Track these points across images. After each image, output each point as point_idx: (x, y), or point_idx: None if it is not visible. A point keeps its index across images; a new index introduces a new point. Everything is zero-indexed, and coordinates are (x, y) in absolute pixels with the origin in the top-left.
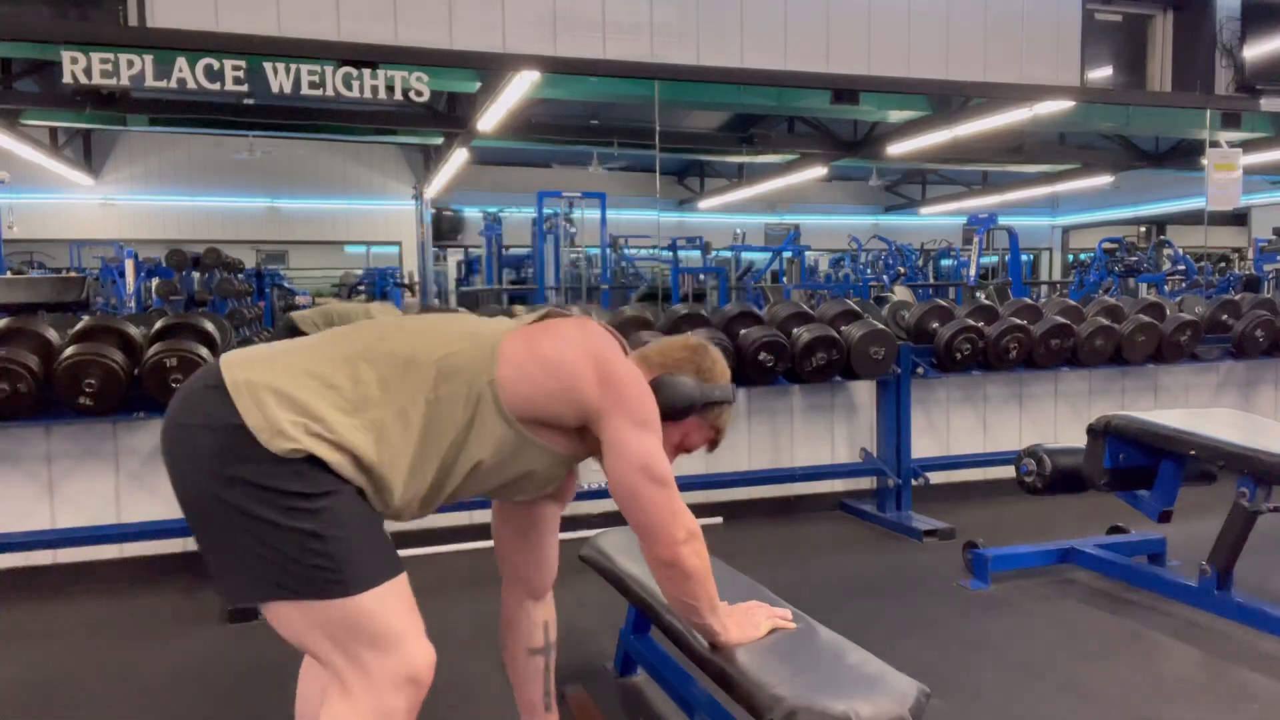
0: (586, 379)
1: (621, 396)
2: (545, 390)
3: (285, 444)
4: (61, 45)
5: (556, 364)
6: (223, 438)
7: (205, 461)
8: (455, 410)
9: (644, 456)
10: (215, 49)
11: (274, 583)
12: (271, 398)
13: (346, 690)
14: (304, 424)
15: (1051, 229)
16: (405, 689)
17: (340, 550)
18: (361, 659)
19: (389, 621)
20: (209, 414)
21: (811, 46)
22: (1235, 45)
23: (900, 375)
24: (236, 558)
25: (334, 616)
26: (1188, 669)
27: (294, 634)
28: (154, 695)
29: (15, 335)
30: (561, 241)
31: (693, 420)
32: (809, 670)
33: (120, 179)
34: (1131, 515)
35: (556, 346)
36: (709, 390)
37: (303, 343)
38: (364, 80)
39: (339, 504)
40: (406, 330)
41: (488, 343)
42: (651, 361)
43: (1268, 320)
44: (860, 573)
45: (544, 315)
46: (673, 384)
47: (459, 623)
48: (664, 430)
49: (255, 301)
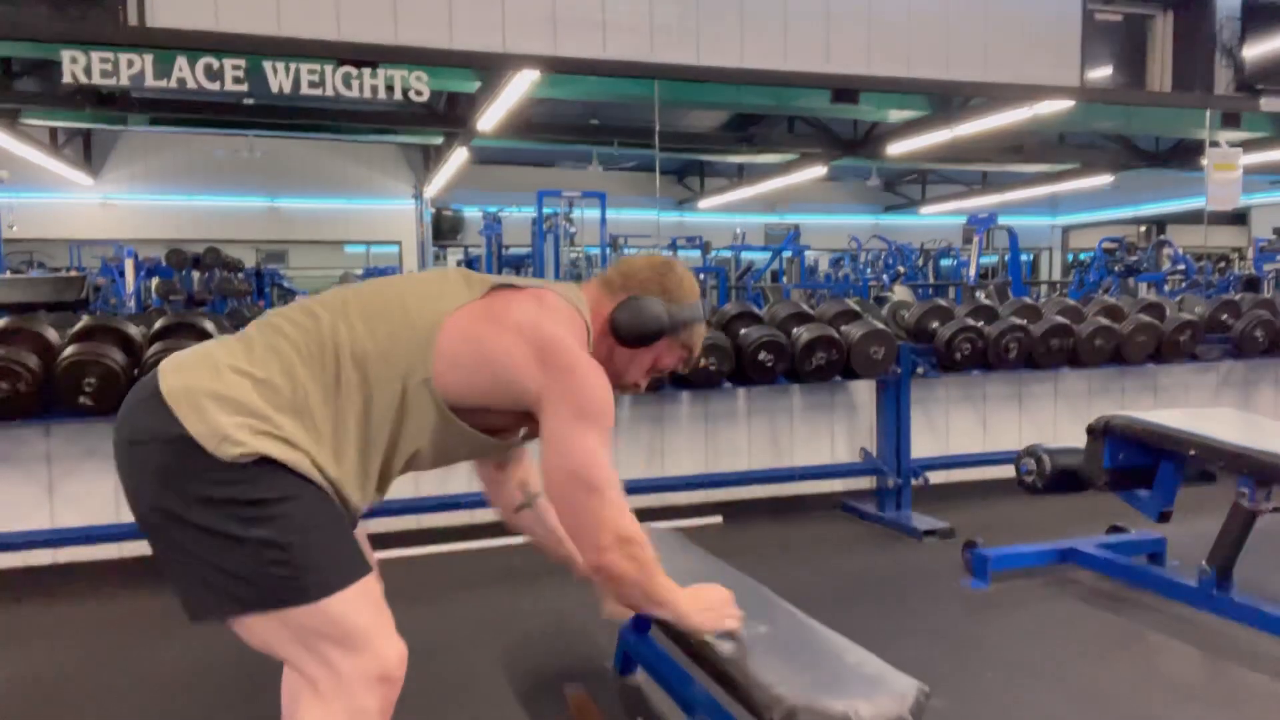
0: (525, 366)
1: (563, 384)
2: (481, 383)
3: (233, 449)
4: (61, 45)
5: (493, 353)
6: (168, 451)
7: (154, 477)
8: (391, 407)
9: (577, 459)
10: (215, 49)
11: (236, 597)
12: (211, 402)
13: (319, 693)
14: (249, 424)
15: (1051, 229)
16: (377, 688)
17: (300, 557)
18: (331, 661)
19: (356, 622)
20: (151, 428)
21: (811, 46)
22: (1235, 45)
23: (900, 375)
24: (196, 574)
25: (300, 622)
26: (1188, 669)
27: (262, 643)
28: (154, 695)
29: (15, 335)
30: (561, 241)
31: (663, 342)
32: (809, 670)
33: (120, 179)
34: (1131, 515)
35: (496, 333)
36: (677, 312)
37: (235, 340)
38: (364, 80)
39: (296, 508)
40: (344, 314)
41: (424, 333)
42: (614, 285)
43: (1268, 320)
44: (860, 572)
45: (496, 286)
46: (639, 308)
47: (458, 623)
48: (634, 356)
49: (255, 301)
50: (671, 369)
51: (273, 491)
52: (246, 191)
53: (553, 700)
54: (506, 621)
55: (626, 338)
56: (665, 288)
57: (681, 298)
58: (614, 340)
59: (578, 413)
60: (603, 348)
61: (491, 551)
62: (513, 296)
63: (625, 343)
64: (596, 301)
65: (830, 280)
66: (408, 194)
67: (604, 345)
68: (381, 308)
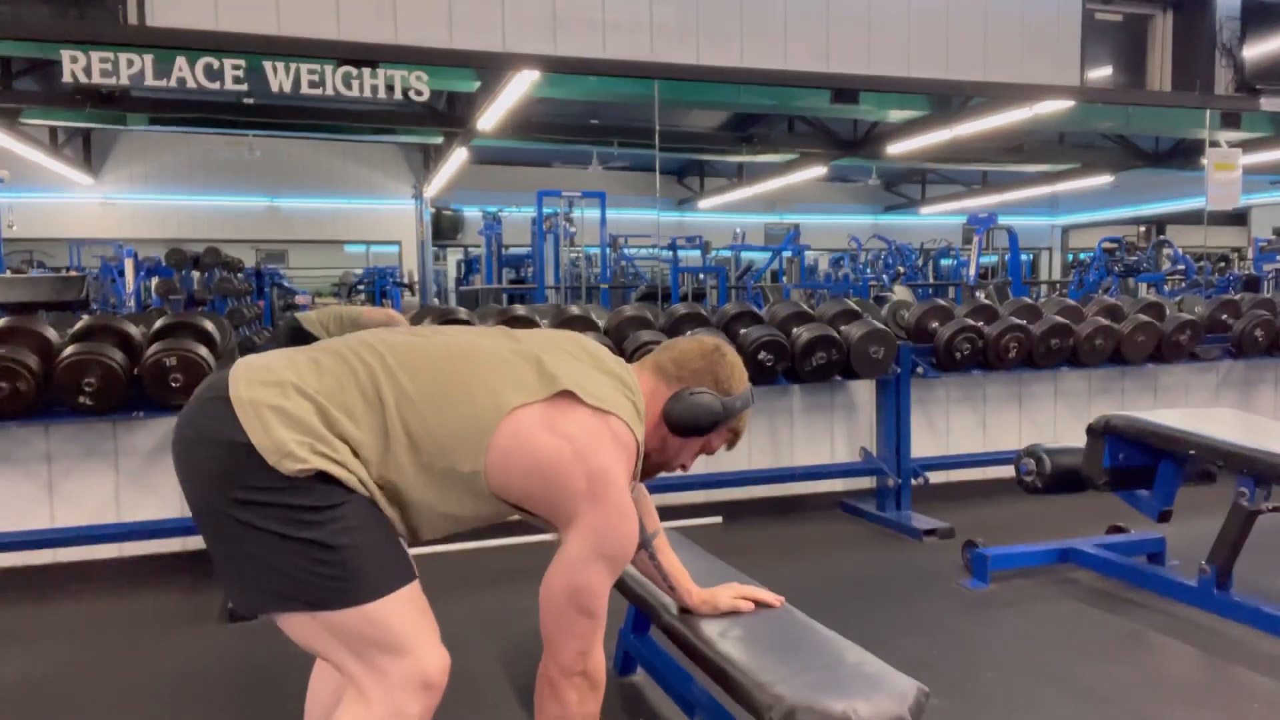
0: (575, 490)
1: (599, 518)
2: (529, 487)
3: (294, 465)
4: (61, 44)
5: (548, 467)
6: (230, 455)
7: (213, 477)
8: (439, 480)
9: (583, 583)
10: (215, 48)
11: (285, 595)
12: (275, 418)
13: (362, 695)
14: (310, 443)
15: (1051, 229)
16: (420, 694)
17: (350, 559)
18: (378, 665)
19: (402, 628)
20: (217, 430)
21: (811, 46)
22: (1235, 45)
23: (900, 375)
24: (247, 569)
25: (346, 624)
26: (1187, 669)
27: (306, 641)
28: (154, 695)
29: (15, 335)
30: (561, 241)
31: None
32: (808, 670)
33: (120, 178)
34: (1131, 515)
35: (556, 445)
36: (730, 404)
37: (306, 361)
38: (364, 79)
39: (348, 513)
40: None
41: (484, 426)
42: (668, 374)
43: (1267, 320)
44: (860, 572)
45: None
46: (693, 405)
47: (458, 623)
48: (685, 444)
49: (255, 301)
50: (717, 450)
51: (326, 500)
52: (246, 191)
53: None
54: (506, 621)
55: (680, 430)
56: (717, 378)
57: (732, 388)
58: (667, 430)
59: (600, 548)
60: (656, 436)
61: (491, 551)
62: (578, 411)
63: (679, 433)
64: (652, 390)
65: (830, 280)
66: (408, 194)
67: (658, 434)
68: (448, 389)
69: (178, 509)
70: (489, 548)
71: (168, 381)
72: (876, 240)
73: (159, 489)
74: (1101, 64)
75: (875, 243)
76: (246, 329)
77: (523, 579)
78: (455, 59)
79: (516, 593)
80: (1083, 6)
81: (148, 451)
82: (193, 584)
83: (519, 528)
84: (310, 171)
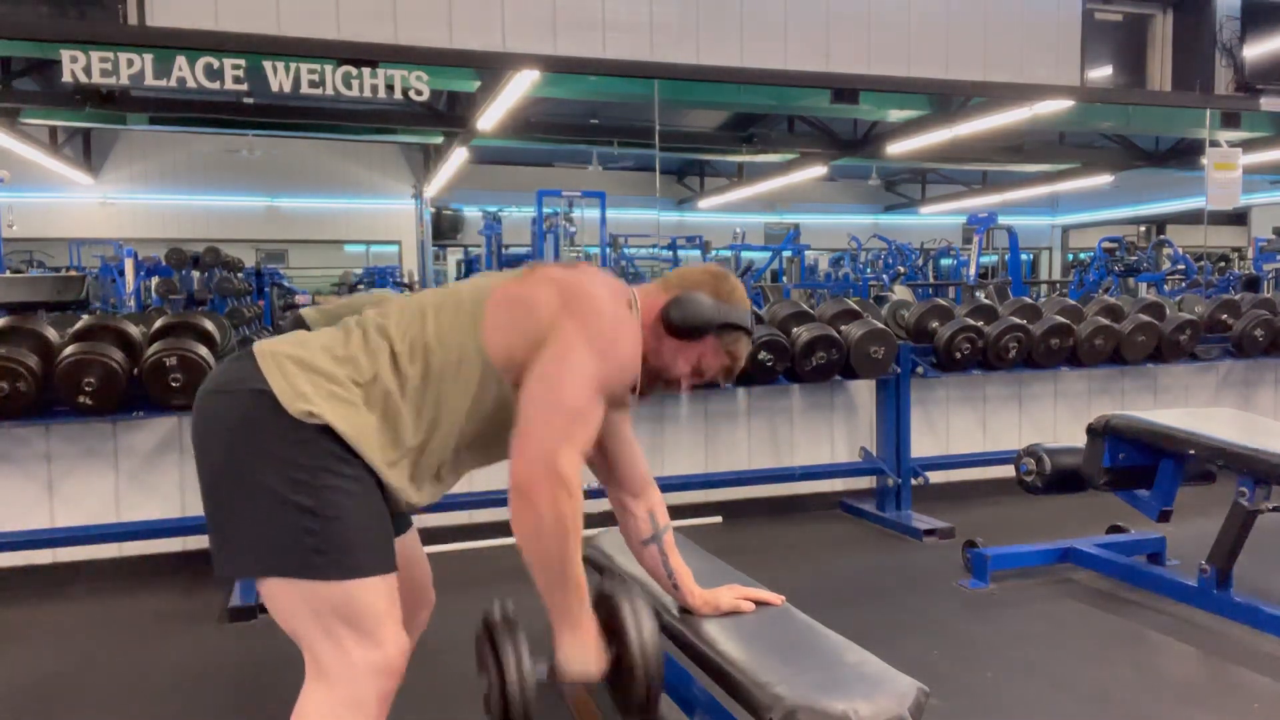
0: (548, 301)
1: (580, 312)
2: (516, 331)
3: (304, 404)
4: (61, 44)
5: (524, 299)
6: (249, 401)
7: (230, 426)
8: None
9: (563, 371)
10: (215, 48)
11: (269, 560)
12: (294, 365)
13: (324, 675)
14: (321, 384)
15: (1051, 228)
16: (379, 678)
17: (335, 532)
18: (343, 645)
19: (374, 611)
20: (240, 380)
21: (811, 46)
22: (1235, 45)
23: (900, 375)
24: (238, 530)
25: (321, 596)
26: (1187, 669)
27: (283, 611)
28: (154, 695)
29: (15, 334)
30: (561, 240)
31: (710, 341)
32: (809, 670)
33: (120, 178)
34: (1131, 515)
35: (530, 284)
36: (727, 311)
37: (327, 330)
38: (364, 79)
39: (344, 486)
40: (406, 304)
41: (473, 307)
42: (670, 283)
43: (1267, 320)
44: (860, 572)
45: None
46: (690, 300)
47: (458, 623)
48: (680, 349)
49: (255, 300)
50: (714, 376)
51: (328, 461)
52: (246, 191)
53: (552, 699)
54: None
55: (675, 326)
56: (718, 290)
57: (734, 303)
58: (663, 329)
59: (589, 337)
60: (651, 339)
61: (491, 551)
62: (554, 265)
63: (673, 332)
64: (650, 296)
65: (830, 280)
66: (407, 194)
67: (653, 336)
68: (441, 301)
69: (178, 509)
70: (489, 547)
71: (168, 381)
72: (876, 240)
73: (159, 489)
74: (1102, 64)
75: (875, 242)
76: (246, 329)
77: (523, 579)
78: (455, 59)
79: (516, 593)
80: (1083, 6)
81: (148, 451)
82: (192, 584)
83: None
84: (310, 171)
